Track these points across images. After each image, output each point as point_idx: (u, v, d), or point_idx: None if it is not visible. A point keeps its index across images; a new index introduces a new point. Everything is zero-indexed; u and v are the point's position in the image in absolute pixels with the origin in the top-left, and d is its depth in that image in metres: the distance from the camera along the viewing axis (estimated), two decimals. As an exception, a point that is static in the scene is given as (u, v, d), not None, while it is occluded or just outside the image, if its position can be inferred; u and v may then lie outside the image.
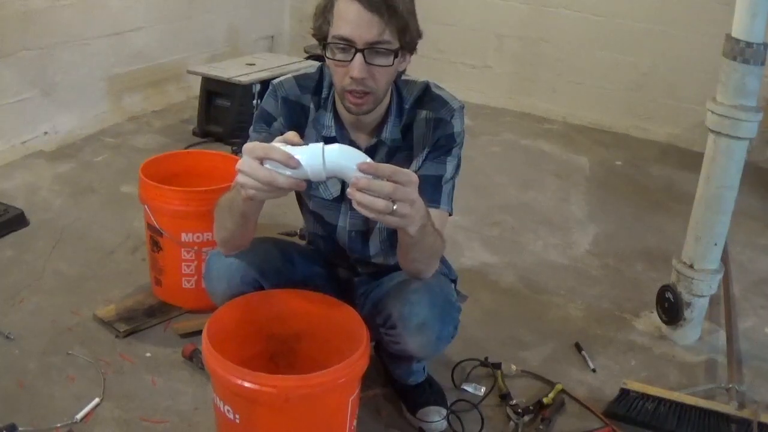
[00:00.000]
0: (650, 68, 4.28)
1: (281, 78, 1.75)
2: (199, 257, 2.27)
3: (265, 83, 3.80)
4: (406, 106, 1.69)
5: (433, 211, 1.64)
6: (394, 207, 1.28)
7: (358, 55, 1.50)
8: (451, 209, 1.72)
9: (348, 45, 1.50)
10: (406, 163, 1.71)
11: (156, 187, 2.24)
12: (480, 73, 4.76)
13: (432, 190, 1.67)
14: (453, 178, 1.71)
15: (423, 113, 1.69)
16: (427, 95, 1.70)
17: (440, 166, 1.68)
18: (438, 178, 1.68)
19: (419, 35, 1.58)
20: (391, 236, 1.78)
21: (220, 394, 1.56)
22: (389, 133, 1.67)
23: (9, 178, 3.23)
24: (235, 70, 3.84)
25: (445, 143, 1.68)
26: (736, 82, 2.10)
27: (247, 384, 1.45)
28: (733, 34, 2.08)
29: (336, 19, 1.51)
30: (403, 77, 1.71)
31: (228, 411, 1.53)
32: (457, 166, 1.72)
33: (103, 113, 3.94)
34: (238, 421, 1.52)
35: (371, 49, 1.50)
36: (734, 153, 2.17)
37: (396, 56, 1.53)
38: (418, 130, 1.69)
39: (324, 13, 1.55)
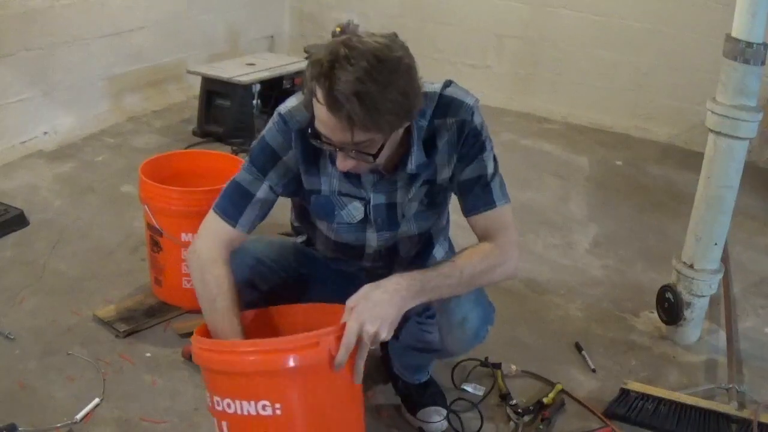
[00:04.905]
0: (650, 68, 4.28)
1: (288, 105, 1.60)
2: (199, 257, 2.27)
3: (265, 83, 3.83)
4: (425, 123, 1.57)
5: (490, 214, 1.61)
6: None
7: (339, 153, 1.44)
8: (508, 198, 1.65)
9: (327, 142, 1.43)
10: (431, 176, 1.63)
11: (156, 187, 2.25)
12: (480, 73, 4.76)
13: (482, 192, 1.61)
14: (497, 171, 1.64)
15: (443, 122, 1.59)
16: (441, 101, 1.59)
17: (480, 165, 1.61)
18: (482, 177, 1.61)
19: (408, 112, 1.42)
20: (419, 242, 1.76)
21: (253, 390, 1.36)
22: (414, 160, 1.57)
23: (9, 178, 3.23)
24: (235, 70, 3.84)
25: (474, 141, 1.60)
26: (736, 82, 2.10)
27: (296, 356, 1.32)
28: (733, 34, 2.08)
29: (315, 111, 1.41)
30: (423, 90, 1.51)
31: (265, 407, 1.35)
32: (495, 159, 1.64)
33: (103, 113, 3.94)
34: (279, 412, 1.36)
35: (350, 148, 1.42)
36: (734, 153, 2.17)
37: (382, 147, 1.43)
38: (442, 138, 1.59)
39: (308, 94, 1.42)
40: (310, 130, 1.46)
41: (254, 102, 3.80)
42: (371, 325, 1.37)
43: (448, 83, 1.62)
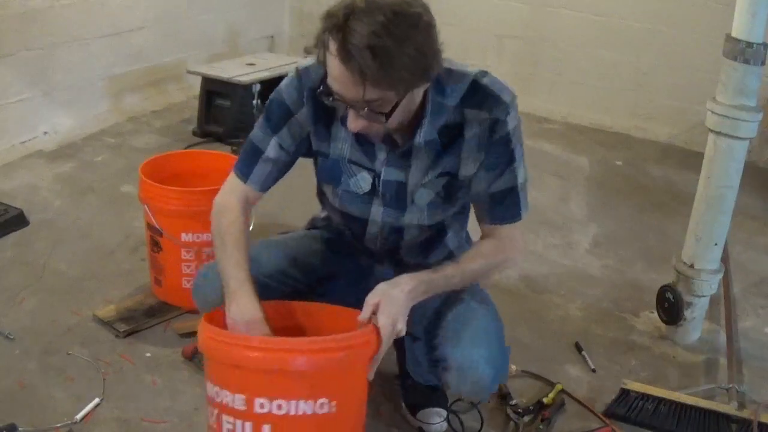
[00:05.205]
0: (650, 68, 4.28)
1: (307, 62, 1.57)
2: (199, 257, 2.27)
3: (265, 83, 3.83)
4: (450, 104, 1.53)
5: (505, 228, 1.64)
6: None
7: (351, 111, 1.41)
8: (528, 207, 1.68)
9: (338, 98, 1.40)
10: (453, 168, 1.60)
11: (156, 187, 2.25)
12: (480, 73, 4.75)
13: (511, 204, 1.62)
14: (527, 178, 1.65)
15: (475, 113, 1.54)
16: (476, 91, 1.54)
17: (512, 176, 1.61)
18: (514, 189, 1.62)
19: (425, 72, 1.39)
20: (429, 232, 1.75)
21: (315, 389, 1.35)
22: (423, 135, 1.53)
23: (9, 178, 3.23)
24: (235, 70, 3.84)
25: (504, 148, 1.57)
26: (736, 82, 2.10)
27: (357, 353, 1.39)
28: (733, 34, 2.08)
29: (327, 65, 1.37)
30: (448, 66, 1.51)
31: (323, 405, 1.35)
32: (525, 166, 1.64)
33: (103, 113, 3.94)
34: (335, 409, 1.37)
35: (362, 106, 1.38)
36: (734, 153, 2.17)
37: (395, 107, 1.39)
38: (470, 131, 1.55)
39: (320, 47, 1.38)
40: (321, 87, 1.44)
41: (254, 102, 3.80)
42: (401, 322, 1.45)
43: (484, 72, 1.58)
